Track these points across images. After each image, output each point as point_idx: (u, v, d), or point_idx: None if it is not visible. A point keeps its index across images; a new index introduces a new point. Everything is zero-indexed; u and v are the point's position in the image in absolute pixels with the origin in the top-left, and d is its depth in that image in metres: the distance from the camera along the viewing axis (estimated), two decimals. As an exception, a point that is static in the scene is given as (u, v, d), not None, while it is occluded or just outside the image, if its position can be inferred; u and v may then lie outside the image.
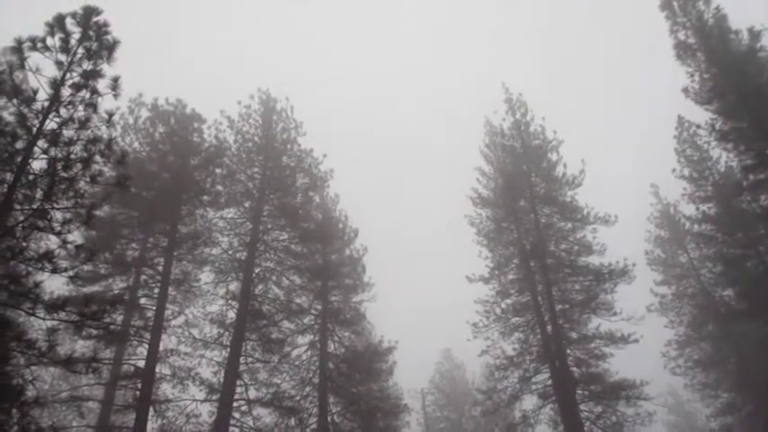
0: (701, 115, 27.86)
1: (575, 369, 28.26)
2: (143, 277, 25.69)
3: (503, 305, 31.00)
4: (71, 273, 14.38)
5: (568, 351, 28.58)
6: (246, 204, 29.98)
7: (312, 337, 30.37)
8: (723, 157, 32.49)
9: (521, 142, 33.95)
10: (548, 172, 32.73)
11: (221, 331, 26.87)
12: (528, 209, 32.43)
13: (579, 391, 27.51)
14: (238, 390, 24.81)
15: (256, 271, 28.52)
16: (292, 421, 26.96)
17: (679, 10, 28.68)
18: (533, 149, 33.47)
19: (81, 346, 23.15)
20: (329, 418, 27.42)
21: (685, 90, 27.87)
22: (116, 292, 24.56)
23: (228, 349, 25.33)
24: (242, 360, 25.69)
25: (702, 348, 36.44)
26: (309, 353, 29.95)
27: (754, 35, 26.15)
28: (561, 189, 32.05)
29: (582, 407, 27.13)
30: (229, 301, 27.53)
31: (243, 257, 28.44)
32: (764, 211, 26.04)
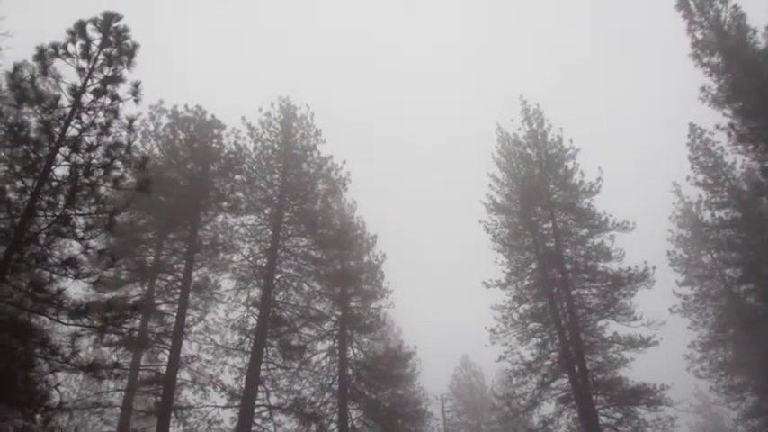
0: (714, 118, 27.39)
1: (594, 374, 28.00)
2: (163, 283, 25.81)
3: (520, 310, 30.90)
4: (94, 278, 14.42)
5: (587, 356, 28.31)
6: (266, 211, 30.09)
7: (331, 343, 30.33)
8: (738, 162, 32.26)
9: (536, 151, 34.03)
10: (564, 180, 32.67)
11: (242, 337, 26.98)
12: (545, 215, 32.35)
13: (598, 397, 27.25)
14: (260, 396, 24.86)
15: (277, 277, 28.61)
16: (313, 427, 26.95)
17: (696, 9, 28.36)
18: (550, 158, 33.51)
19: (103, 353, 23.23)
20: (349, 424, 27.33)
21: (702, 91, 27.55)
22: (137, 297, 24.67)
23: (250, 355, 25.36)
24: (263, 366, 25.70)
25: (727, 350, 35.91)
26: (329, 359, 29.92)
27: (772, 34, 25.84)
28: (578, 196, 31.90)
29: (601, 412, 26.83)
30: (250, 308, 27.63)
31: (263, 264, 28.51)
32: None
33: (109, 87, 14.44)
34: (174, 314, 23.80)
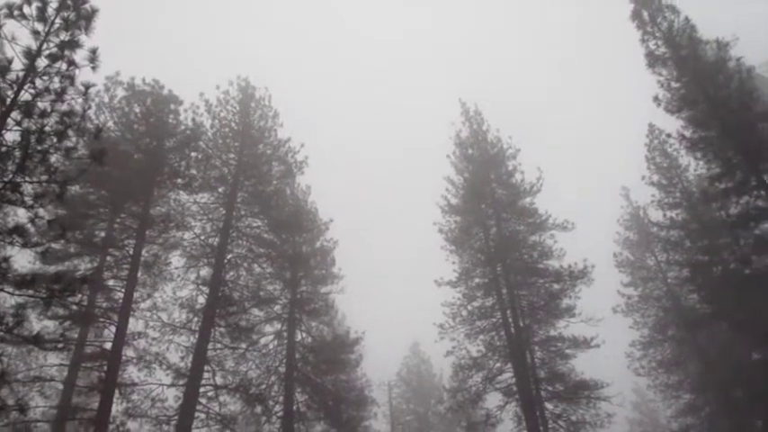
0: (672, 122, 28.13)
1: (538, 370, 28.82)
2: (112, 258, 25.27)
3: (469, 308, 31.40)
4: (41, 249, 14.10)
5: (533, 350, 29.28)
6: (220, 190, 29.70)
7: (280, 326, 30.29)
8: (692, 165, 33.02)
9: (479, 151, 34.99)
10: (506, 179, 33.73)
11: (190, 316, 26.68)
12: (491, 214, 33.07)
13: (542, 391, 28.02)
14: (205, 375, 24.64)
15: (228, 257, 28.36)
16: (258, 409, 26.93)
17: (649, 20, 29.08)
18: (492, 158, 34.56)
19: (46, 326, 22.65)
20: (295, 407, 27.35)
21: (656, 99, 28.25)
22: (84, 271, 24.13)
23: (197, 335, 25.12)
24: (210, 346, 25.48)
25: (665, 350, 37.00)
26: (276, 342, 29.86)
27: (722, 46, 26.59)
28: (519, 196, 32.86)
29: (547, 404, 27.61)
30: (200, 287, 27.35)
31: (215, 243, 28.22)
32: (730, 219, 26.37)
33: (66, 52, 14.05)
34: (122, 290, 23.35)
